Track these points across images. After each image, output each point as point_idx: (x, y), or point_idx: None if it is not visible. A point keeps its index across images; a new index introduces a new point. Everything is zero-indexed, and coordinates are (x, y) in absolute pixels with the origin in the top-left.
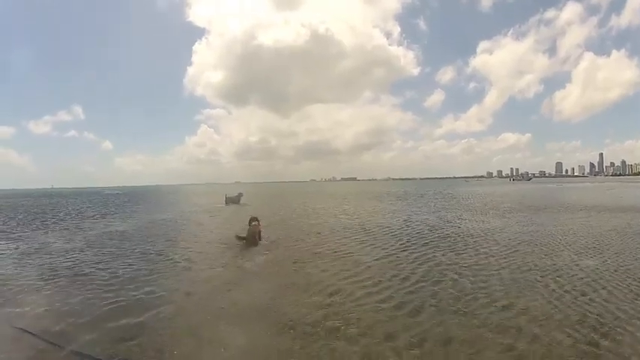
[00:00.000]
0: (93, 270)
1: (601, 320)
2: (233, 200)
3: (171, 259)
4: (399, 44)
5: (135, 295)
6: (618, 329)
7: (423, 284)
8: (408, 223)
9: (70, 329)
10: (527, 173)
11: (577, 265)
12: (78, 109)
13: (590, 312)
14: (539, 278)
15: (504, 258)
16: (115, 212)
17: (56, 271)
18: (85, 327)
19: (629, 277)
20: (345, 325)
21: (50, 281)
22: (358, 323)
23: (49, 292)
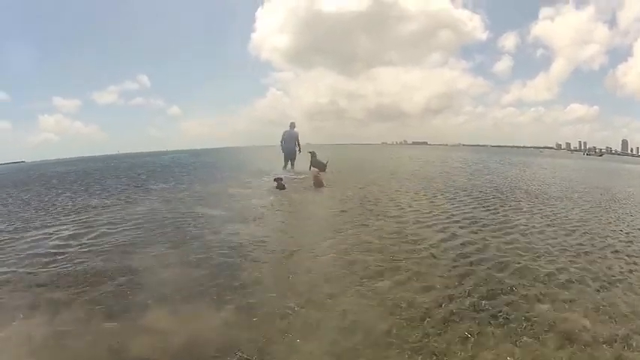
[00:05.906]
0: None
1: None
2: (319, 166)
3: None
4: (464, 7)
5: None
6: None
7: None
8: None
9: None
10: (594, 148)
11: None
12: (143, 78)
13: None
14: None
15: None
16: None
17: None
18: None
19: None
20: None
21: None
22: None
23: None
